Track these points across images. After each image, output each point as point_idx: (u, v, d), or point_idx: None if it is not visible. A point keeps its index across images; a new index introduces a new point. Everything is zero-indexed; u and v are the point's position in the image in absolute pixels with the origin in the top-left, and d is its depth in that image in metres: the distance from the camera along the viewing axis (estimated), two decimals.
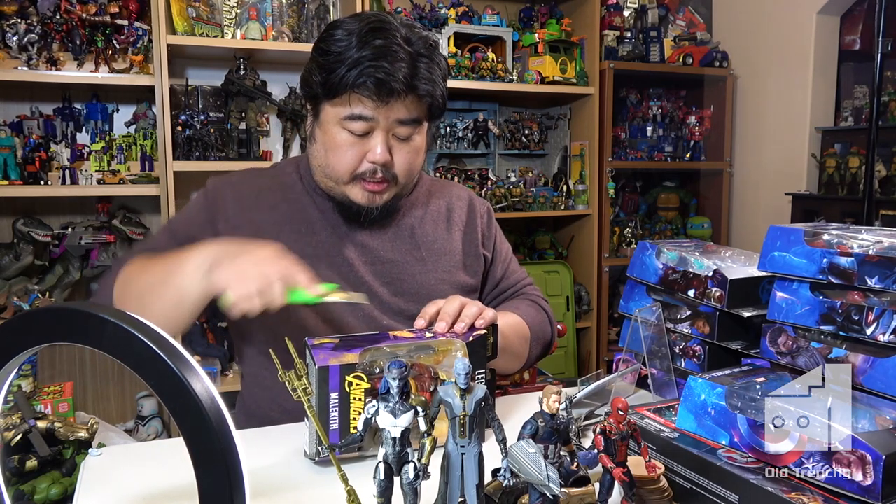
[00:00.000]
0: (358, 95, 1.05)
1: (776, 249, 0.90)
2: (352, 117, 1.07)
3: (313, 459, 0.87)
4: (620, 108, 3.24)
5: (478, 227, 1.31)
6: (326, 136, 1.12)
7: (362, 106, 1.06)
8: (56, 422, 1.43)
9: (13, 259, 2.26)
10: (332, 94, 1.08)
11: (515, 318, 1.21)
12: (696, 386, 0.81)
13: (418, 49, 1.08)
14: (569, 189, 3.01)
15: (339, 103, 1.08)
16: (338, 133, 1.10)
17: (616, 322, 3.12)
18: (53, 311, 0.56)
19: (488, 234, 1.33)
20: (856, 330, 0.81)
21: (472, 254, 1.28)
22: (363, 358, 0.86)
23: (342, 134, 1.09)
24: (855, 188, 2.71)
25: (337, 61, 1.05)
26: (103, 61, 2.24)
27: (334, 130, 1.10)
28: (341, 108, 1.08)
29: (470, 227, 1.30)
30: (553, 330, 1.34)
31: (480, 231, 1.31)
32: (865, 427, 0.68)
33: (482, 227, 1.32)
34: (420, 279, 1.21)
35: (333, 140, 1.10)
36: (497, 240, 1.35)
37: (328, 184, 1.16)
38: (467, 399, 0.61)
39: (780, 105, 3.05)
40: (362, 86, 1.04)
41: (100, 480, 0.86)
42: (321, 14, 2.56)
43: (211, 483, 0.52)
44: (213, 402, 0.52)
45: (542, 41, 2.83)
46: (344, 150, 1.10)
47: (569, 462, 0.68)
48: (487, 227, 1.33)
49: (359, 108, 1.07)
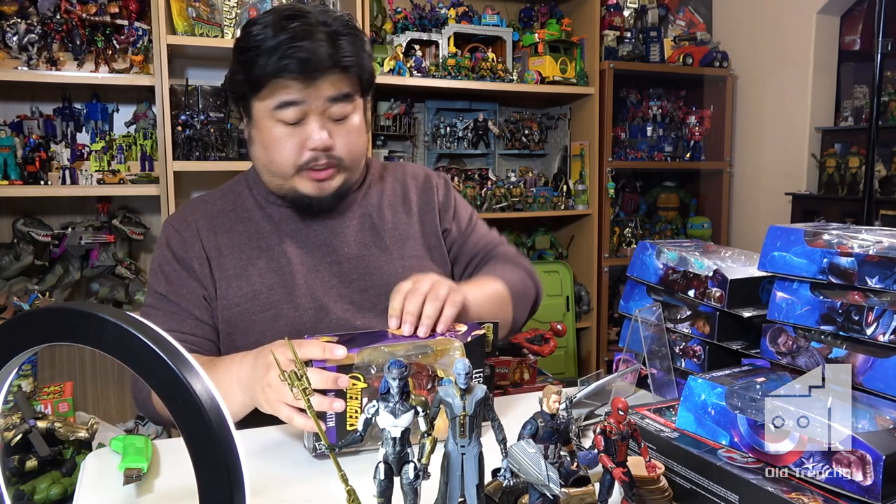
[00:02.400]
0: (283, 81, 1.05)
1: (776, 249, 0.90)
2: (281, 105, 1.06)
3: (312, 453, 0.89)
4: (620, 108, 3.24)
5: (434, 205, 1.28)
6: (262, 133, 1.11)
7: (289, 91, 1.05)
8: (56, 422, 1.42)
9: (13, 259, 2.26)
10: (257, 88, 1.07)
11: (491, 286, 1.17)
12: (696, 386, 0.81)
13: (336, 28, 1.07)
14: (569, 189, 3.01)
15: (266, 95, 1.07)
16: (272, 127, 1.09)
17: (616, 322, 3.12)
18: (53, 311, 0.56)
19: (446, 205, 1.30)
20: (856, 330, 0.81)
21: (432, 234, 1.26)
22: (360, 358, 0.87)
23: (277, 127, 1.08)
24: (855, 188, 2.71)
25: (256, 54, 1.05)
26: (103, 61, 2.24)
27: (268, 125, 1.09)
28: (269, 100, 1.07)
29: (426, 206, 1.27)
30: (536, 283, 1.30)
31: (437, 208, 1.28)
32: (865, 427, 0.68)
33: (439, 203, 1.29)
34: (387, 269, 1.19)
35: (270, 135, 1.09)
36: (458, 210, 1.32)
37: (276, 182, 1.15)
38: (467, 399, 0.61)
39: (780, 105, 3.05)
40: (285, 69, 1.03)
41: (100, 480, 0.86)
42: None
43: (211, 483, 0.52)
44: (213, 402, 0.52)
45: (542, 41, 2.83)
46: (282, 143, 1.09)
47: (569, 462, 0.68)
48: (445, 199, 1.30)
49: (286, 94, 1.06)
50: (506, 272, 1.23)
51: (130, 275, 2.39)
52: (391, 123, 2.78)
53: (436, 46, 2.75)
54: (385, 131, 2.78)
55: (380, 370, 0.87)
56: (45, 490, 1.40)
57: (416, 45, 2.70)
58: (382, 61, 2.58)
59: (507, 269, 1.25)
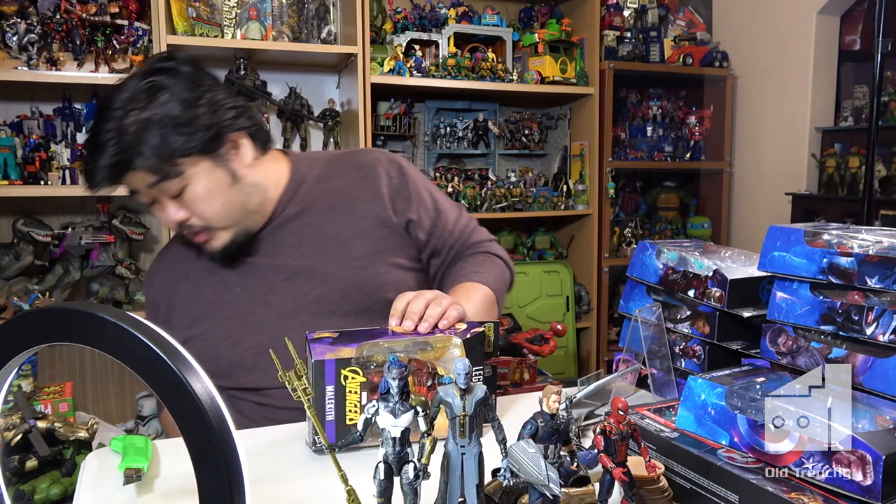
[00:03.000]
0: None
1: (776, 249, 0.90)
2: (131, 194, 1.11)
3: (312, 447, 0.91)
4: (620, 108, 3.24)
5: (383, 196, 1.22)
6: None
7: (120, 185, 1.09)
8: (56, 422, 1.43)
9: (13, 259, 2.26)
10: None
11: (479, 294, 1.16)
12: (696, 386, 0.81)
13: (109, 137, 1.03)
14: (569, 189, 3.01)
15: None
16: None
17: (616, 322, 3.12)
18: (53, 311, 0.56)
19: (400, 192, 1.23)
20: (856, 330, 0.81)
21: (384, 224, 1.21)
22: (359, 353, 0.88)
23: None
24: (855, 188, 2.71)
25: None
26: (103, 61, 2.24)
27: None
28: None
29: (374, 197, 1.22)
30: (511, 269, 1.29)
31: (387, 197, 1.22)
32: (865, 427, 0.67)
33: (389, 192, 1.22)
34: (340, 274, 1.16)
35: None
36: (420, 196, 1.24)
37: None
38: (467, 399, 0.61)
39: (780, 105, 3.05)
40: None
41: (100, 480, 0.86)
42: (321, 14, 2.56)
43: (211, 483, 0.52)
44: (213, 402, 0.52)
45: (542, 41, 2.83)
46: (157, 215, 1.14)
47: (569, 462, 0.68)
48: (399, 186, 1.23)
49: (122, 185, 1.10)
50: (485, 269, 1.22)
51: (130, 275, 2.39)
52: (391, 123, 2.78)
53: (436, 46, 2.75)
54: (385, 131, 2.78)
55: (379, 366, 0.88)
56: (45, 490, 1.40)
57: (416, 45, 2.70)
58: (382, 61, 2.58)
59: (485, 267, 1.23)
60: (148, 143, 1.03)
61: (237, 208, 1.13)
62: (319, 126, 2.67)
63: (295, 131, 2.64)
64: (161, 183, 1.06)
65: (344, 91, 2.69)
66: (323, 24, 2.54)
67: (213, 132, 1.08)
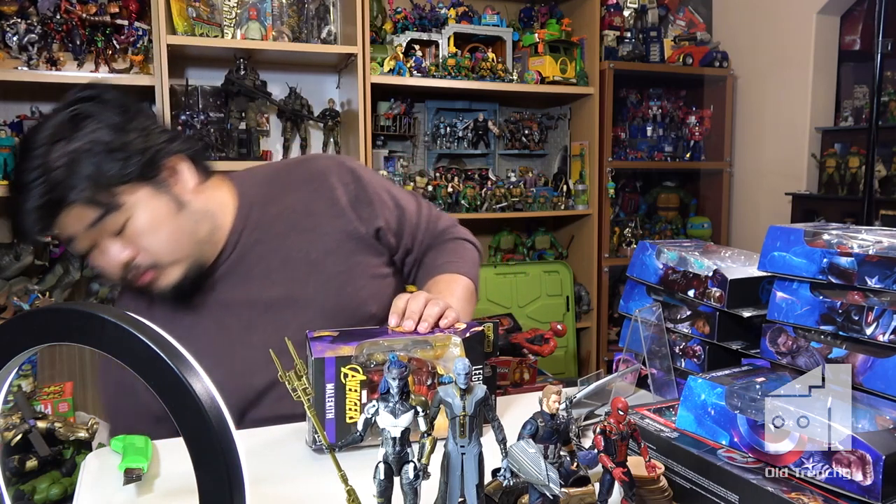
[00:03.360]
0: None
1: (776, 249, 0.90)
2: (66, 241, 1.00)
3: (311, 446, 0.91)
4: (620, 108, 3.24)
5: (342, 206, 1.15)
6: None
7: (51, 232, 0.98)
8: (56, 422, 1.43)
9: (13, 259, 2.26)
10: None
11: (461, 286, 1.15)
12: (696, 386, 0.81)
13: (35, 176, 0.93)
14: (569, 189, 3.01)
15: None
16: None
17: (616, 322, 3.12)
18: (53, 311, 0.56)
19: (360, 199, 1.17)
20: (856, 330, 0.81)
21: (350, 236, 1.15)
22: (359, 351, 0.88)
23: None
24: (855, 188, 2.71)
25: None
26: (103, 61, 2.24)
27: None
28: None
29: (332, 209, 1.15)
30: (478, 248, 1.30)
31: (351, 208, 1.16)
32: (865, 427, 0.68)
33: (350, 203, 1.16)
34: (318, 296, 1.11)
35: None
36: (380, 202, 1.19)
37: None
38: (467, 399, 0.61)
39: (780, 105, 3.05)
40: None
41: (100, 480, 0.86)
42: (321, 14, 2.57)
43: (211, 483, 0.52)
44: (213, 402, 0.52)
45: (542, 41, 2.83)
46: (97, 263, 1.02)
47: (569, 462, 0.68)
48: (359, 194, 1.17)
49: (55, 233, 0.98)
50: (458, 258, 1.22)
51: None
52: (391, 123, 2.78)
53: (436, 46, 2.75)
54: (385, 131, 2.78)
55: (379, 364, 0.88)
56: (45, 490, 1.40)
57: (416, 45, 2.70)
58: (382, 61, 2.58)
59: (457, 253, 1.23)
60: (80, 174, 0.93)
61: (186, 238, 1.04)
62: (319, 126, 2.67)
63: (295, 131, 2.64)
64: (103, 219, 0.96)
65: (344, 91, 2.69)
66: (323, 24, 2.54)
67: (148, 156, 0.99)
